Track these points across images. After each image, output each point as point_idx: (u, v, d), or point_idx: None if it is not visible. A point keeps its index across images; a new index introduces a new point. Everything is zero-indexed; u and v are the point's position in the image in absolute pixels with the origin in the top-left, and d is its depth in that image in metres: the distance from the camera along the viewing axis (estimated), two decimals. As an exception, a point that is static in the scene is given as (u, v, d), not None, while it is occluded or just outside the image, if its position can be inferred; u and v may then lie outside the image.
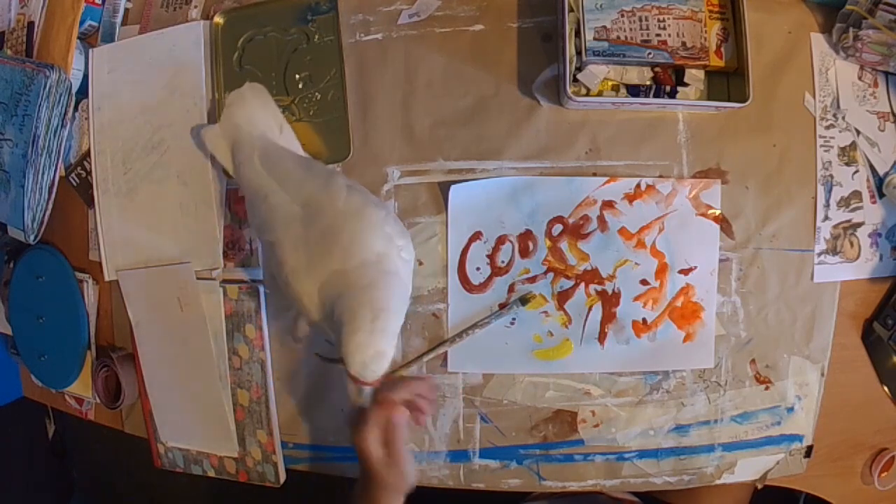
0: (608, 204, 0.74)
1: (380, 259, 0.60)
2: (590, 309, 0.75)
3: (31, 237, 0.83)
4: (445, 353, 0.76)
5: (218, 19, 0.78)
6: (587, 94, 0.72)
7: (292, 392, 0.80)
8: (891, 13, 0.68)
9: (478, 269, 0.75)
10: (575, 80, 0.71)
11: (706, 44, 0.70)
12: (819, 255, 0.75)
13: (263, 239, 0.68)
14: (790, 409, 0.77)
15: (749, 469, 0.78)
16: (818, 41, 0.74)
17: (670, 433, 0.77)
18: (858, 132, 0.75)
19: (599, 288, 0.75)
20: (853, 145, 0.75)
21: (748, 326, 0.75)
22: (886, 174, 0.75)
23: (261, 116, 0.71)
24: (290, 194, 0.64)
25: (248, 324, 0.79)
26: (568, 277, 0.75)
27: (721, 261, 0.74)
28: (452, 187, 0.73)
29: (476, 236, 0.75)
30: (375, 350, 0.55)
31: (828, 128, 0.75)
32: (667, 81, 0.73)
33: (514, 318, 0.75)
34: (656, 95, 0.73)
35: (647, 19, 0.70)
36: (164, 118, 0.79)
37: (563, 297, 0.75)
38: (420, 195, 0.75)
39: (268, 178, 0.66)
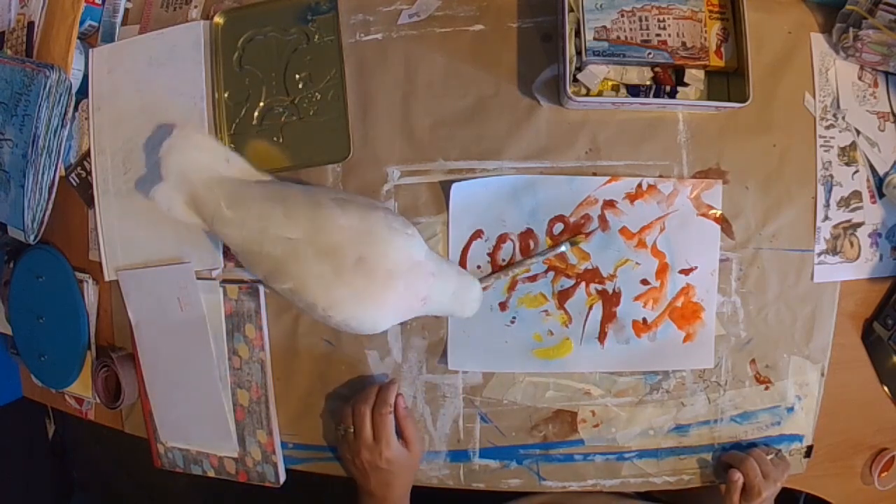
0: (609, 203, 0.74)
1: (425, 264, 0.66)
2: (590, 308, 0.75)
3: (31, 237, 0.83)
4: (445, 352, 0.76)
5: (218, 19, 0.78)
6: (587, 94, 0.72)
7: (292, 392, 0.80)
8: (891, 13, 0.68)
9: (479, 267, 0.75)
10: (575, 80, 0.71)
11: (706, 44, 0.70)
12: (819, 255, 0.75)
13: (278, 287, 0.67)
14: (790, 409, 0.77)
15: (749, 469, 0.78)
16: (818, 41, 0.75)
17: (670, 433, 0.77)
18: (858, 132, 0.75)
19: (600, 287, 0.75)
20: (853, 145, 0.75)
21: (748, 326, 0.76)
22: (886, 174, 0.75)
23: (201, 156, 0.69)
24: (284, 234, 0.63)
25: (248, 324, 0.79)
26: (568, 276, 0.75)
27: (721, 261, 0.74)
28: (454, 185, 0.73)
29: (477, 234, 0.75)
30: (478, 297, 0.70)
31: (828, 128, 0.75)
32: (667, 81, 0.73)
33: (514, 317, 0.75)
34: (656, 95, 0.73)
35: (647, 19, 0.70)
36: (164, 118, 0.79)
37: (563, 296, 0.75)
38: (420, 195, 0.75)
39: (250, 229, 0.65)
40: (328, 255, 0.63)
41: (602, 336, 0.75)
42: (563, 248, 0.73)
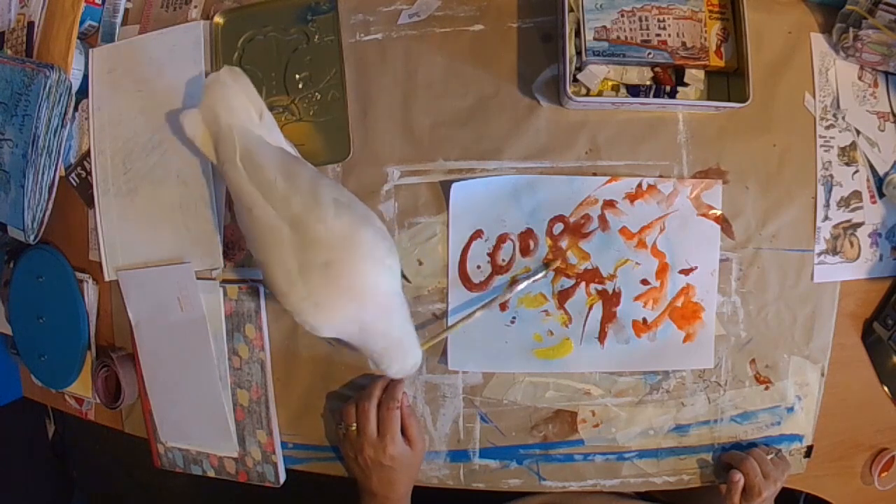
0: (609, 203, 0.74)
1: (386, 296, 0.65)
2: (590, 308, 0.75)
3: (31, 237, 0.83)
4: (446, 352, 0.76)
5: (218, 19, 0.78)
6: (587, 94, 0.72)
7: (292, 392, 0.80)
8: (891, 13, 0.68)
9: (478, 267, 0.75)
10: (575, 80, 0.71)
11: (706, 44, 0.70)
12: (819, 255, 0.75)
13: (253, 254, 0.67)
14: (790, 409, 0.77)
15: (749, 469, 0.77)
16: (818, 41, 0.75)
17: (670, 433, 0.77)
18: (858, 132, 0.75)
19: (600, 287, 0.75)
20: (853, 145, 0.75)
21: (748, 326, 0.76)
22: (886, 174, 0.75)
23: (239, 102, 0.68)
24: (275, 208, 0.63)
25: (248, 324, 0.79)
26: (568, 276, 0.75)
27: (721, 261, 0.74)
28: (454, 185, 0.73)
29: (477, 234, 0.75)
30: (412, 364, 0.68)
31: (828, 128, 0.75)
32: (667, 81, 0.73)
33: (514, 317, 0.75)
34: (656, 95, 0.73)
35: (647, 19, 0.70)
36: (164, 118, 0.79)
37: (563, 297, 0.75)
38: (420, 195, 0.75)
39: (250, 186, 0.64)
40: (302, 248, 0.62)
41: (602, 336, 0.75)
42: (532, 279, 0.73)
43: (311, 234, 0.62)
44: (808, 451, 0.78)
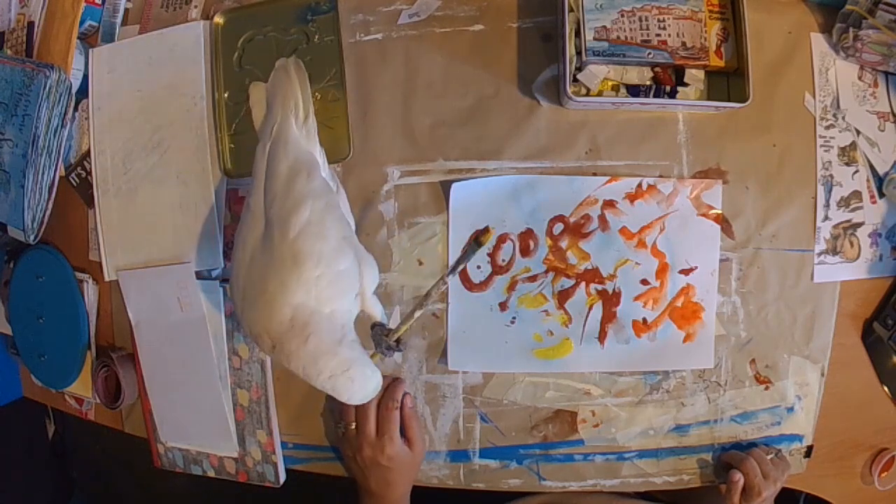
0: (609, 203, 0.74)
1: (304, 315, 0.60)
2: (590, 308, 0.75)
3: (31, 237, 0.83)
4: (446, 352, 0.76)
5: (218, 19, 0.78)
6: (587, 94, 0.72)
7: (292, 392, 0.80)
8: (891, 13, 0.68)
9: (478, 267, 0.75)
10: (575, 80, 0.71)
11: (706, 44, 0.70)
12: (819, 255, 0.75)
13: (235, 234, 0.68)
14: (790, 409, 0.77)
15: (749, 469, 0.77)
16: (818, 41, 0.75)
17: (670, 433, 0.77)
18: (858, 132, 0.75)
19: (600, 287, 0.75)
20: (853, 145, 0.75)
21: (748, 326, 0.76)
22: (886, 174, 0.75)
23: (292, 96, 0.68)
24: (265, 201, 0.64)
25: (249, 324, 0.79)
26: (568, 276, 0.75)
27: (721, 261, 0.74)
28: (454, 185, 0.73)
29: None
30: (364, 394, 0.63)
31: (828, 128, 0.75)
32: (667, 81, 0.73)
33: (514, 317, 0.75)
34: (656, 95, 0.73)
35: (647, 19, 0.70)
36: (164, 118, 0.79)
37: (563, 297, 0.75)
38: (420, 195, 0.75)
39: (262, 173, 0.65)
40: (262, 247, 0.63)
41: (602, 336, 0.75)
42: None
43: (273, 240, 0.62)
44: (808, 451, 0.78)
